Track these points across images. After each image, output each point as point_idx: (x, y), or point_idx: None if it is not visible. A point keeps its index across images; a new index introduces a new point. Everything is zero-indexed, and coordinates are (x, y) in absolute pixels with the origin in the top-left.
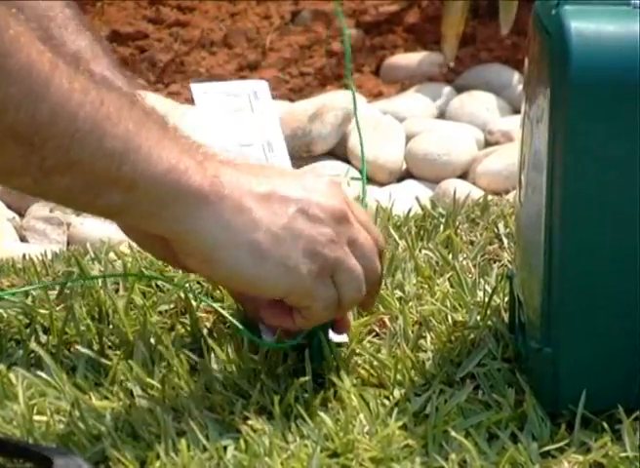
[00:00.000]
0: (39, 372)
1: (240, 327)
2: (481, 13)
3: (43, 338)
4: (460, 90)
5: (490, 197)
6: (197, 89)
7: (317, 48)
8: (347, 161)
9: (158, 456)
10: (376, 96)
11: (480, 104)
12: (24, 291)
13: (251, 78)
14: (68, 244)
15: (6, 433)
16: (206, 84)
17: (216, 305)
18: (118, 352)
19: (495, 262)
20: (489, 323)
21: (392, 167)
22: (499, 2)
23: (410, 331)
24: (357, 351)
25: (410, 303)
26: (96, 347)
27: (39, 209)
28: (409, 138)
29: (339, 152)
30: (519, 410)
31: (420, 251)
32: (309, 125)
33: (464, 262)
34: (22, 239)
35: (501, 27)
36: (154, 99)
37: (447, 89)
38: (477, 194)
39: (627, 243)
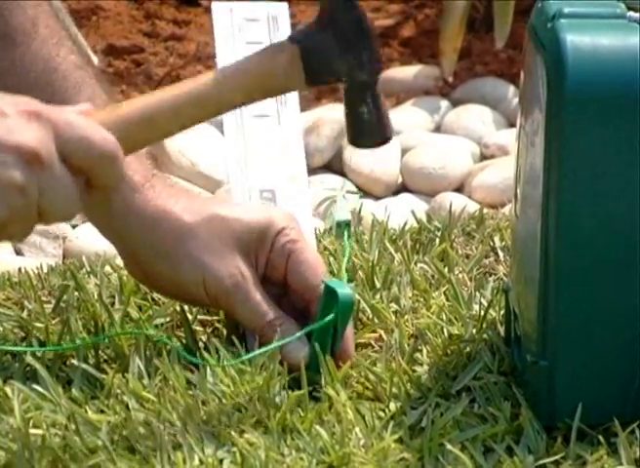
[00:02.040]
0: (35, 386)
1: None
2: (476, 27)
3: (39, 352)
4: (455, 103)
5: (485, 210)
6: (218, 9)
7: None
8: (343, 174)
9: None
10: None
11: (476, 118)
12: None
13: None
14: (64, 257)
15: (2, 446)
16: (227, 3)
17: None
18: (114, 365)
19: (490, 276)
20: (485, 336)
21: (388, 180)
22: (493, 16)
23: (406, 345)
24: (353, 364)
25: (405, 317)
26: (91, 361)
27: None
28: (404, 152)
29: (334, 165)
30: (515, 424)
31: (415, 264)
32: (305, 138)
33: (460, 276)
34: (18, 252)
35: (496, 41)
36: None
37: (443, 102)
38: (473, 207)
39: (623, 256)
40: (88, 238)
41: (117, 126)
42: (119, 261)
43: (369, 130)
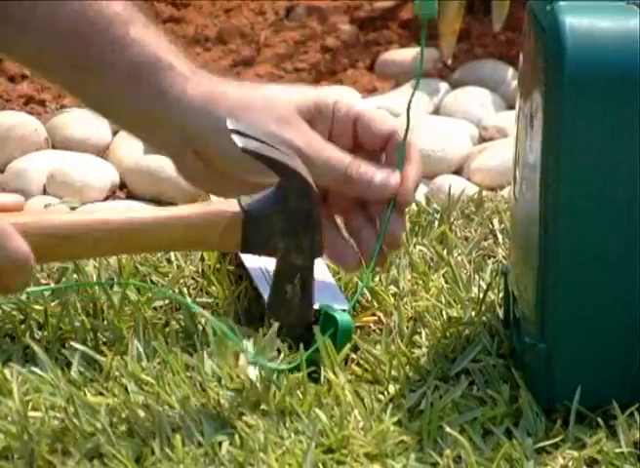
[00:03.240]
0: (34, 368)
1: (228, 332)
2: (475, 9)
3: (38, 334)
4: (454, 85)
5: (484, 193)
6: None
7: (312, 43)
8: None
9: (153, 452)
10: (370, 91)
11: (474, 100)
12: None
13: (244, 73)
14: None
15: (1, 429)
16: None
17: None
18: (113, 348)
19: (489, 258)
20: (484, 319)
21: None
22: None
23: (405, 327)
24: (352, 347)
25: (404, 299)
26: (90, 343)
27: (35, 206)
28: None
29: None
30: (514, 406)
31: (414, 246)
32: None
33: (459, 258)
34: None
35: (494, 24)
36: None
37: (442, 85)
38: (472, 190)
39: (622, 239)
40: None
41: (37, 236)
42: None
43: (288, 309)
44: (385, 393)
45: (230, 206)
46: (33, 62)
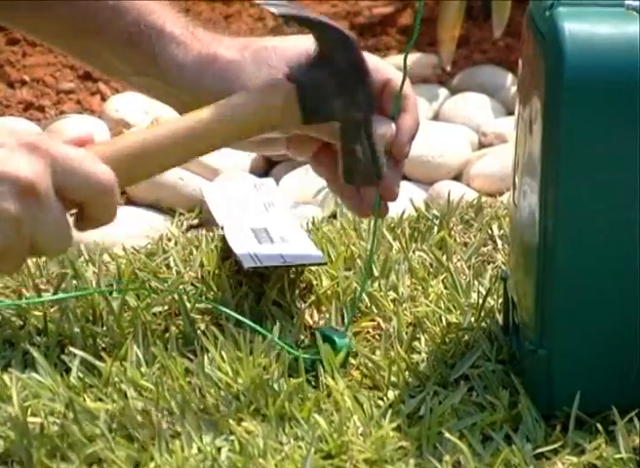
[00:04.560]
0: (33, 374)
1: (260, 329)
2: (475, 15)
3: (37, 340)
4: (453, 91)
5: (484, 199)
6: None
7: None
8: None
9: (152, 458)
10: None
11: (474, 106)
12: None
13: None
14: None
15: (0, 434)
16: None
17: (235, 313)
18: (112, 354)
19: (489, 264)
20: (483, 324)
21: None
22: (492, 4)
23: (404, 333)
24: (351, 352)
25: (404, 305)
26: (90, 349)
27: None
28: None
29: None
30: (513, 412)
31: (413, 252)
32: None
33: (458, 264)
34: None
35: (494, 30)
36: (148, 101)
37: (441, 90)
38: (471, 196)
39: (621, 244)
40: None
41: (114, 159)
42: (117, 250)
43: (362, 169)
44: (385, 399)
45: (280, 84)
46: (35, 30)
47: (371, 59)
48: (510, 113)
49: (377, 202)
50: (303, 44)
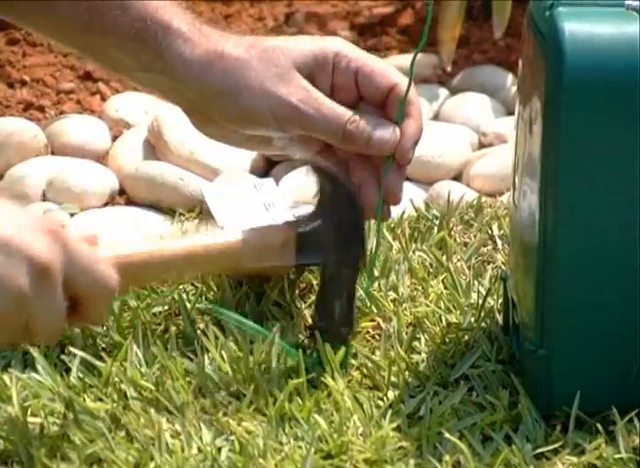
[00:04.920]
0: (33, 374)
1: (259, 327)
2: (475, 15)
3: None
4: (453, 91)
5: (484, 199)
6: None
7: None
8: None
9: (152, 458)
10: None
11: (474, 106)
12: None
13: None
14: None
15: (0, 434)
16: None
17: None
18: (112, 354)
19: (489, 264)
20: (483, 324)
21: None
22: (492, 4)
23: (404, 333)
24: (351, 353)
25: (404, 305)
26: (90, 349)
27: (34, 210)
28: None
29: None
30: (513, 412)
31: (413, 252)
32: None
33: (458, 264)
34: None
35: (495, 30)
36: (148, 101)
37: (441, 90)
38: (471, 196)
39: (621, 244)
40: (86, 227)
41: (120, 267)
42: None
43: (336, 323)
44: (385, 399)
45: (283, 228)
46: (43, 29)
47: (378, 64)
48: (510, 113)
49: (379, 205)
50: (308, 45)
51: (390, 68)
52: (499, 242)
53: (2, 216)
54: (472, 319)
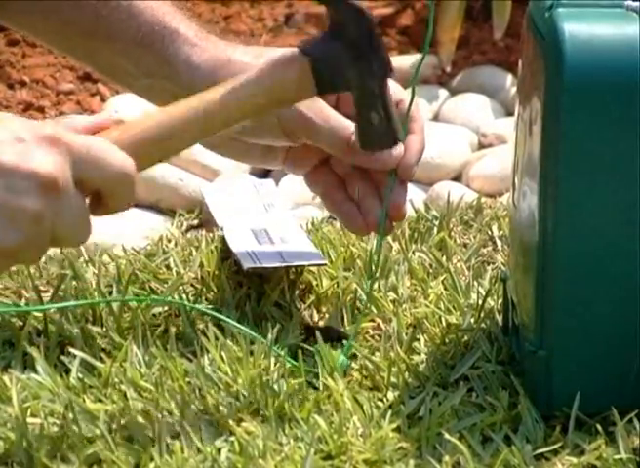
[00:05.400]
0: (33, 375)
1: (247, 330)
2: (474, 15)
3: (37, 341)
4: (453, 92)
5: (483, 199)
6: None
7: None
8: None
9: (152, 459)
10: None
11: (473, 107)
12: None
13: None
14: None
15: (0, 435)
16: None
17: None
18: (112, 354)
19: (488, 265)
20: (483, 325)
21: None
22: (492, 5)
23: (404, 334)
24: (351, 354)
25: (404, 306)
26: (89, 350)
27: None
28: None
29: None
30: (513, 413)
31: (413, 253)
32: None
33: (458, 265)
34: None
35: (495, 31)
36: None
37: (441, 91)
38: (471, 196)
39: (621, 245)
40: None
41: (132, 145)
42: (117, 251)
43: (379, 136)
44: (384, 399)
45: (294, 57)
46: (42, 33)
47: None
48: (510, 114)
49: (382, 220)
50: None
51: (395, 85)
52: (498, 243)
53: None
54: (472, 320)
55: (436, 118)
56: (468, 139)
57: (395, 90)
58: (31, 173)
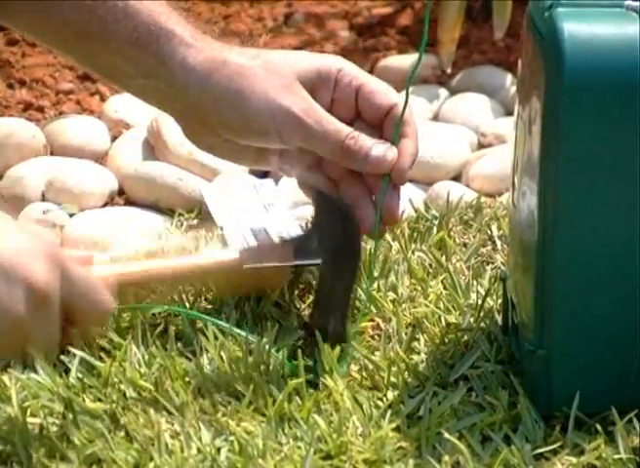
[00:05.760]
0: (32, 374)
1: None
2: (474, 15)
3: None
4: (453, 92)
5: (483, 199)
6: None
7: (310, 50)
8: None
9: (152, 458)
10: None
11: (473, 106)
12: None
13: None
14: (62, 245)
15: None
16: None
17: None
18: (111, 354)
19: (488, 264)
20: (482, 325)
21: None
22: (492, 5)
23: (403, 334)
24: (351, 353)
25: (403, 305)
26: (89, 349)
27: (33, 211)
28: None
29: None
30: (513, 412)
31: (413, 253)
32: None
33: (458, 264)
34: None
35: (495, 31)
36: None
37: (440, 91)
38: (470, 196)
39: (621, 245)
40: (85, 227)
41: (114, 284)
42: (116, 250)
43: (330, 332)
44: (384, 399)
45: (279, 246)
46: (40, 34)
47: (379, 84)
48: (510, 114)
49: (377, 224)
50: (311, 60)
51: (390, 89)
52: (498, 242)
53: (1, 239)
54: (472, 319)
55: (436, 118)
56: (468, 139)
57: (388, 93)
58: (29, 282)
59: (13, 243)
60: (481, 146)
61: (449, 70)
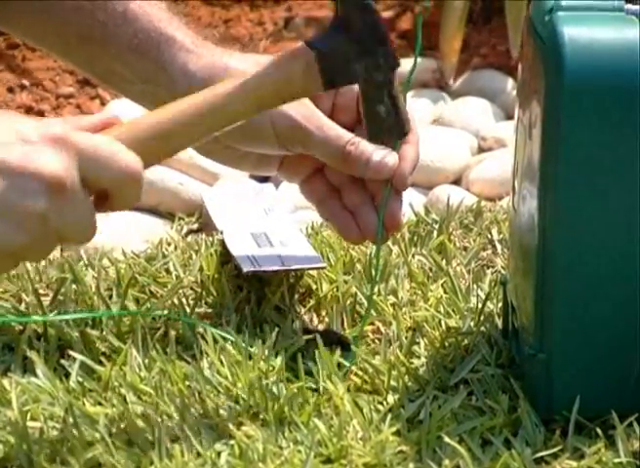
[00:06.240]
0: (33, 378)
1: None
2: (474, 19)
3: (37, 344)
4: (453, 96)
5: (483, 203)
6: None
7: None
8: None
9: (152, 462)
10: None
11: (473, 110)
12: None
13: None
14: (62, 250)
15: (0, 439)
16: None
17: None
18: (111, 358)
19: (488, 268)
20: (482, 329)
21: None
22: (506, 22)
23: (403, 337)
24: (353, 356)
25: (403, 309)
26: (89, 353)
27: None
28: None
29: None
30: (513, 416)
31: (413, 257)
32: None
33: (458, 268)
34: None
35: (511, 50)
36: None
37: (441, 95)
38: (470, 200)
39: (621, 249)
40: None
41: (138, 143)
42: (116, 254)
43: (387, 127)
44: (384, 403)
45: (299, 52)
46: (40, 36)
47: None
48: (510, 118)
49: (379, 229)
50: None
51: None
52: (498, 246)
53: (6, 149)
54: (472, 323)
55: (436, 122)
56: (468, 143)
57: None
58: (38, 173)
59: (11, 139)
60: (481, 150)
61: (451, 81)
